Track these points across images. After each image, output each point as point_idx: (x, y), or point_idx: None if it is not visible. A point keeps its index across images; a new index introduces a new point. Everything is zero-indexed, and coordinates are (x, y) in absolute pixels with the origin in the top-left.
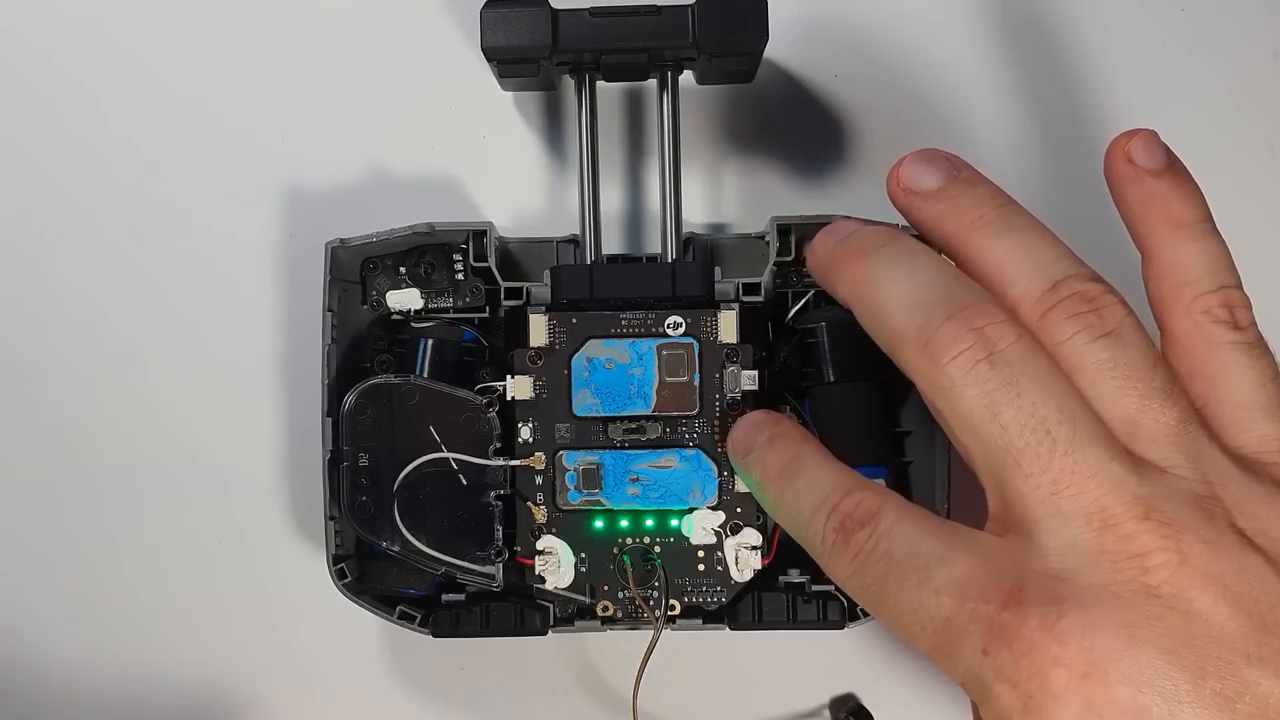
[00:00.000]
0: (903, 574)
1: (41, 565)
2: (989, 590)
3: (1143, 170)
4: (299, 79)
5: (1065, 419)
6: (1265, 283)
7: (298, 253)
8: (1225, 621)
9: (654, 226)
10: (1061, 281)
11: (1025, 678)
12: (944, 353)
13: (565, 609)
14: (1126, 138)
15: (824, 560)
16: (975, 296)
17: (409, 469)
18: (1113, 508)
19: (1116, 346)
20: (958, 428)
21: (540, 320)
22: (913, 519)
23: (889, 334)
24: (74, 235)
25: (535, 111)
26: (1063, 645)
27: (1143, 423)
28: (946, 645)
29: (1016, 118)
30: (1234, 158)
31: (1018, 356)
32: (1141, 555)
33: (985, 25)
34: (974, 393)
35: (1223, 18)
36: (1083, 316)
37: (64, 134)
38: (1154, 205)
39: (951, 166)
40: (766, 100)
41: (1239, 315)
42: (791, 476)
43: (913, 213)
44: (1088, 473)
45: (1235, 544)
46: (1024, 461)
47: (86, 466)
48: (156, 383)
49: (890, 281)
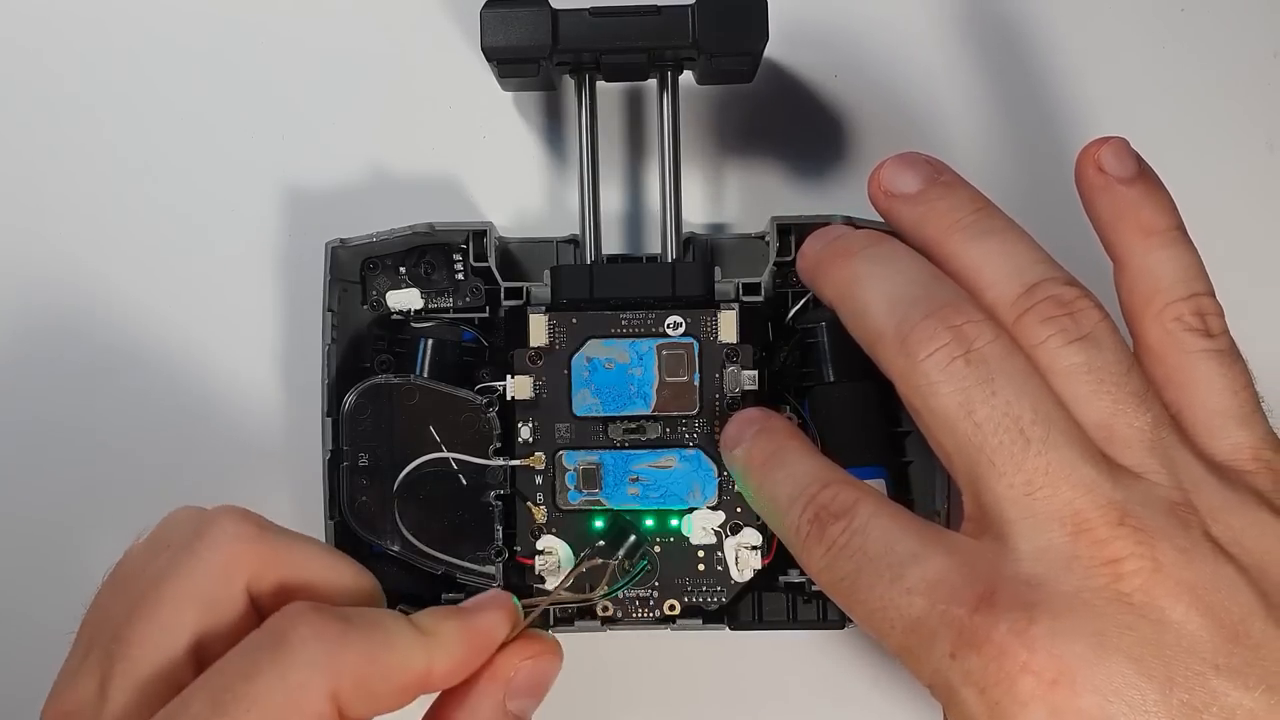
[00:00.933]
0: (875, 571)
1: (42, 565)
2: (961, 593)
3: (1113, 178)
4: (299, 79)
5: (1040, 419)
6: (1265, 283)
7: (298, 253)
8: (1196, 631)
9: (654, 226)
10: (1037, 285)
11: (993, 683)
12: (920, 349)
13: (565, 609)
14: (1097, 145)
15: (798, 551)
16: (954, 296)
17: (409, 469)
18: (1086, 512)
19: (1091, 350)
20: (933, 426)
21: (540, 320)
22: (889, 516)
23: (869, 332)
24: (74, 236)
25: (535, 111)
26: (1031, 652)
27: (1117, 427)
28: (915, 646)
29: (1017, 117)
30: (1234, 158)
31: (994, 355)
32: (1115, 562)
33: (985, 26)
34: (949, 390)
35: (1223, 18)
36: (1057, 320)
37: (63, 135)
38: (1125, 213)
39: (932, 170)
40: (766, 100)
41: (1211, 323)
42: (773, 467)
43: (893, 215)
44: (1061, 475)
45: (1209, 552)
46: (998, 460)
47: (87, 466)
48: (157, 383)
49: (871, 280)
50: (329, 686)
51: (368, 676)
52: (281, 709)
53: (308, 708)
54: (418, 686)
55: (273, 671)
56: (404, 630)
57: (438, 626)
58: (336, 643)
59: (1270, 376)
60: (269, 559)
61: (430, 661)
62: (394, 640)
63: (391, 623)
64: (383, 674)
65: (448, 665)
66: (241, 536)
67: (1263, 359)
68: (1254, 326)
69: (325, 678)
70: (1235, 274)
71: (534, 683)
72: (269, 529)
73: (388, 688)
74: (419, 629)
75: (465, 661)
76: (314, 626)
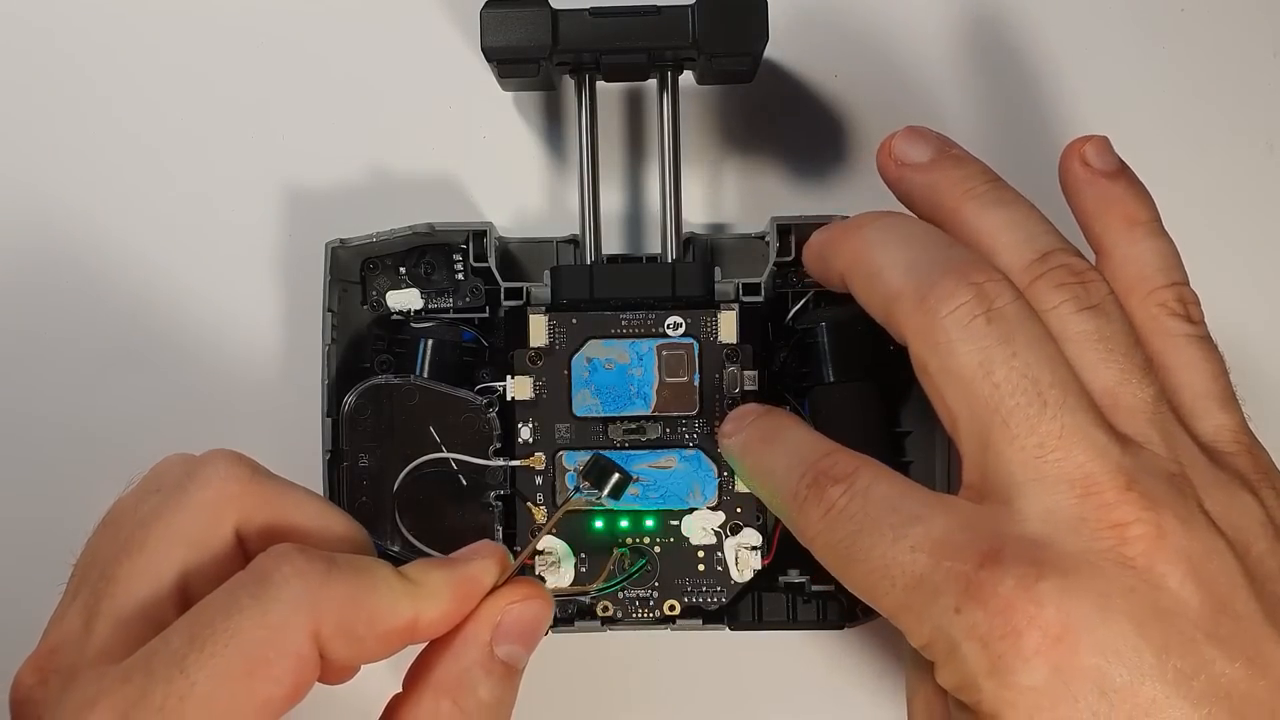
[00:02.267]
0: (877, 530)
1: (41, 566)
2: (966, 550)
3: (1097, 172)
4: (299, 79)
5: (1058, 383)
6: (1266, 282)
7: (298, 253)
8: (1190, 599)
9: (654, 226)
10: (1049, 253)
11: (998, 637)
12: (942, 306)
13: (565, 609)
14: (1081, 142)
15: (793, 517)
16: (972, 255)
17: (409, 469)
18: (1096, 475)
19: (1101, 319)
20: (947, 387)
21: (540, 320)
22: (890, 481)
23: (885, 294)
24: (74, 236)
25: (535, 111)
26: (1039, 607)
27: (1122, 396)
28: (916, 603)
29: (1017, 117)
30: (1234, 158)
31: (1014, 315)
32: (1121, 526)
33: (985, 26)
34: (969, 348)
35: (1223, 18)
36: (1069, 287)
37: (64, 135)
38: (1110, 205)
39: (943, 142)
40: (766, 100)
41: (1191, 310)
42: (771, 442)
43: (904, 184)
44: (1074, 439)
45: (1204, 524)
46: (1012, 422)
47: (87, 465)
48: (157, 382)
49: (886, 245)
50: (310, 626)
51: (351, 619)
52: (261, 645)
53: (288, 644)
54: (403, 635)
55: (254, 608)
56: (390, 577)
57: (425, 576)
58: (319, 583)
59: (1274, 371)
60: (259, 502)
61: (416, 609)
62: (379, 586)
63: (378, 569)
64: (366, 618)
65: (434, 614)
66: (233, 477)
67: (1263, 357)
68: (1254, 325)
69: (306, 616)
70: (1235, 273)
71: (522, 627)
72: (261, 472)
73: (371, 632)
74: (406, 578)
75: (453, 610)
76: (297, 566)
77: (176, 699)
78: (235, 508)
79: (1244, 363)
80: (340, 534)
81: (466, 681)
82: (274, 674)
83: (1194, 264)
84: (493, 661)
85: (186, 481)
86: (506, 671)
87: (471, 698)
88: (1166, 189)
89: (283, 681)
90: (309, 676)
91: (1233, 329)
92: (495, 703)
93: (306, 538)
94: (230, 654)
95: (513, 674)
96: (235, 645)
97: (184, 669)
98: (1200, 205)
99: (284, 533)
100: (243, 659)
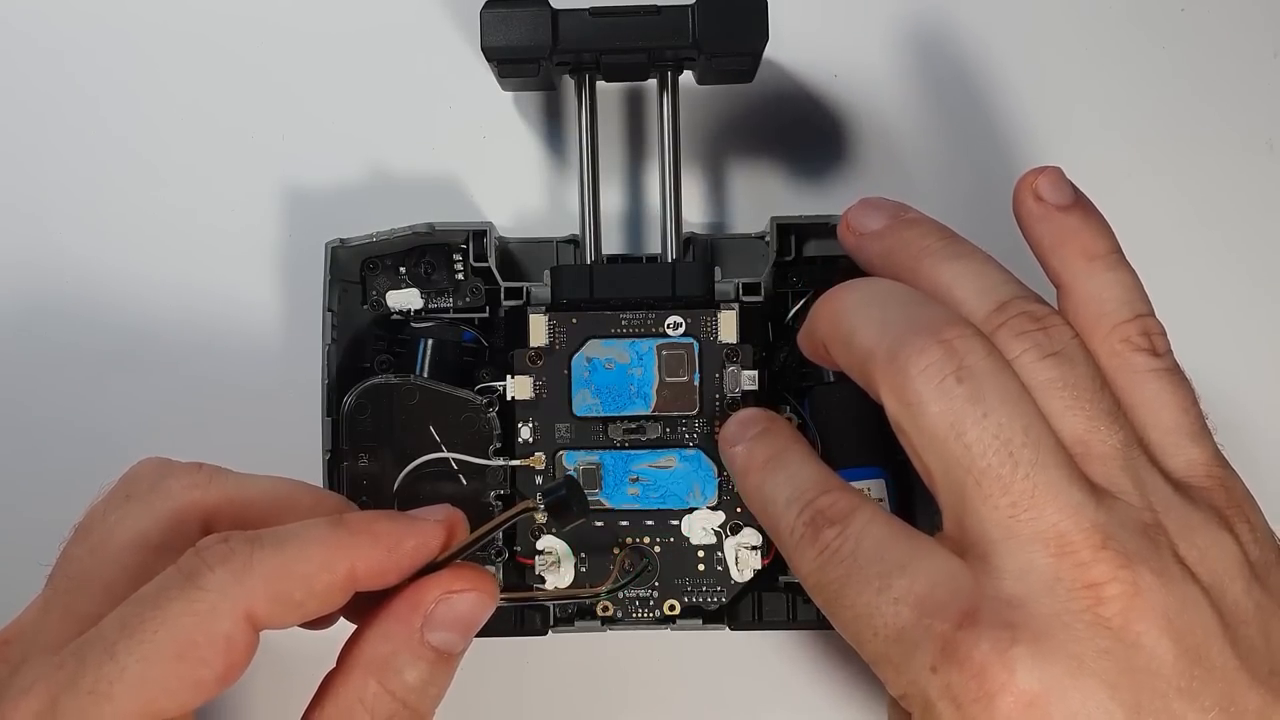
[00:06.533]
0: (864, 578)
1: (41, 567)
2: (947, 608)
3: (1051, 206)
4: (299, 78)
5: (1030, 441)
6: (1266, 283)
7: (298, 253)
8: (1164, 656)
9: (654, 226)
10: (1008, 302)
11: (970, 700)
12: (912, 364)
13: (565, 609)
14: (1033, 175)
15: (789, 552)
16: (944, 311)
17: (409, 469)
18: (1070, 534)
19: (1065, 366)
20: (920, 445)
21: (540, 320)
22: (883, 525)
23: (859, 354)
24: (74, 235)
25: (535, 111)
26: (1011, 673)
27: (1092, 444)
28: (896, 656)
29: (1017, 117)
30: (1234, 158)
31: (984, 372)
32: (1097, 586)
33: (985, 25)
34: (939, 408)
35: (1223, 18)
36: (1031, 335)
37: (64, 135)
38: (1067, 239)
39: (897, 207)
40: (766, 100)
41: (1156, 343)
42: (774, 469)
43: (863, 252)
44: (1047, 497)
45: (1179, 576)
46: (984, 482)
47: (87, 464)
48: (157, 382)
49: (859, 306)
50: (240, 608)
51: (284, 590)
52: (189, 630)
53: (216, 628)
54: (344, 586)
55: (181, 599)
56: (324, 536)
57: (370, 526)
58: (243, 565)
59: (1273, 376)
60: (222, 502)
61: (352, 561)
62: (309, 551)
63: (308, 531)
64: (300, 584)
65: (369, 563)
66: (195, 485)
67: (1264, 359)
68: (1254, 325)
69: (234, 602)
70: (1235, 274)
71: (457, 617)
72: (223, 474)
73: (309, 593)
74: (347, 529)
75: (386, 562)
76: (219, 554)
77: (106, 683)
78: (198, 512)
79: (1244, 362)
80: (309, 509)
81: (394, 664)
82: (203, 656)
83: (1194, 264)
84: (422, 646)
85: (150, 494)
86: (438, 657)
87: (398, 680)
88: (1166, 189)
89: (212, 663)
90: (241, 657)
91: (1233, 329)
92: (423, 686)
93: (276, 522)
94: (159, 639)
95: (445, 659)
96: (165, 631)
97: (114, 654)
98: (1200, 205)
99: (251, 523)
100: (172, 643)
